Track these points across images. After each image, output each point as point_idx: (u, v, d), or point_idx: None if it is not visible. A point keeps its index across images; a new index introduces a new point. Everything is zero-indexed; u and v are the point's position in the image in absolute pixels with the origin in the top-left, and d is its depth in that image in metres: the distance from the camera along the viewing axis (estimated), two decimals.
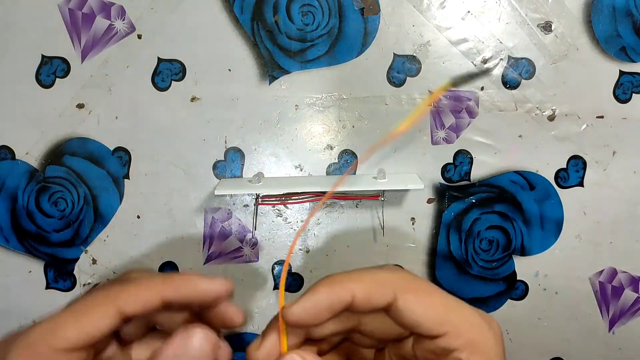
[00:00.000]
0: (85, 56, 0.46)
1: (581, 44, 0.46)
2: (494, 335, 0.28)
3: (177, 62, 0.46)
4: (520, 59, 0.46)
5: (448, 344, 0.27)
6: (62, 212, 0.47)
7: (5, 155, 0.47)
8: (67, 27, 0.46)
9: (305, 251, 0.48)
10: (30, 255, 0.47)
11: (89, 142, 0.47)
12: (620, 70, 0.46)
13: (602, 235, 0.48)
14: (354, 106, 0.47)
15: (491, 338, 0.28)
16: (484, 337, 0.28)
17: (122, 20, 0.46)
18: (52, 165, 0.47)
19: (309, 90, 0.47)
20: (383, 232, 0.48)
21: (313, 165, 0.47)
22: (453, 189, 0.48)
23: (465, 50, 0.46)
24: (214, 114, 0.47)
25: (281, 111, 0.47)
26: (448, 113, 0.47)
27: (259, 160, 0.47)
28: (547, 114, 0.47)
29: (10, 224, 0.47)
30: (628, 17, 0.46)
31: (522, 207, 0.48)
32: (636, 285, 0.49)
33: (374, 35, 0.46)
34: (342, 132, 0.47)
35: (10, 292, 0.47)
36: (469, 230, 0.48)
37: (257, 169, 0.47)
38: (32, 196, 0.47)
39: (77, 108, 0.46)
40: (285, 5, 0.46)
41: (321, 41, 0.46)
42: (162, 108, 0.46)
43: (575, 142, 0.47)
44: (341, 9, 0.46)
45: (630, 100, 0.47)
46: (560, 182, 0.48)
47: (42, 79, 0.46)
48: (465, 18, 0.46)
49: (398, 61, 0.46)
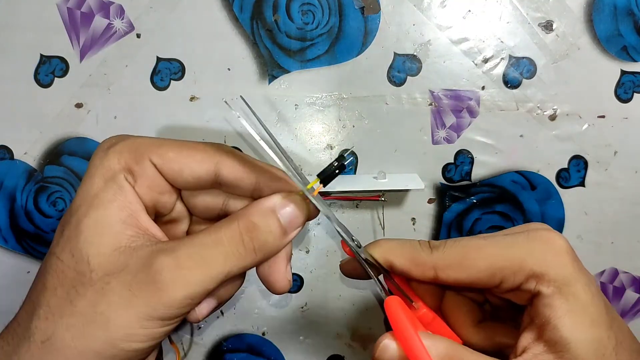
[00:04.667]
0: (84, 55, 0.46)
1: (582, 43, 0.46)
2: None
3: (176, 62, 0.46)
4: (522, 58, 0.46)
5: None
6: (61, 212, 0.47)
7: (4, 155, 0.46)
8: (65, 27, 0.45)
9: (305, 251, 0.48)
10: (29, 256, 0.47)
11: (87, 142, 0.46)
12: (621, 70, 0.46)
13: (604, 236, 0.48)
14: (354, 106, 0.47)
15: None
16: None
17: (121, 19, 0.46)
18: (51, 165, 0.46)
19: (309, 90, 0.46)
20: (383, 233, 0.48)
21: (313, 165, 0.47)
22: (454, 189, 0.48)
23: (466, 50, 0.46)
24: (214, 113, 0.46)
25: (281, 110, 0.47)
26: (449, 113, 0.47)
27: None
28: (548, 114, 0.47)
29: (9, 224, 0.47)
30: (629, 17, 0.46)
31: (523, 207, 0.48)
32: (638, 285, 0.49)
33: (375, 34, 0.46)
34: (342, 131, 0.47)
35: (9, 292, 0.47)
36: (470, 230, 0.48)
37: None
38: (30, 196, 0.47)
39: (75, 107, 0.46)
40: (285, 4, 0.45)
41: (321, 40, 0.46)
42: (161, 107, 0.46)
43: (576, 142, 0.47)
44: (341, 8, 0.45)
45: (632, 99, 0.47)
46: (561, 182, 0.47)
47: (40, 78, 0.46)
48: (466, 17, 0.46)
49: (398, 60, 0.46)
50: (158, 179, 0.29)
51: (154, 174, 0.28)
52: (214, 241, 0.27)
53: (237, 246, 0.27)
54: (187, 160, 0.28)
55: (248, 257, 0.28)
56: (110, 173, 0.27)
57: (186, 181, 0.29)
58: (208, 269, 0.26)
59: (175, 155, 0.28)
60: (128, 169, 0.28)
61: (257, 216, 0.28)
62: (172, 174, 0.29)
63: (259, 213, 0.28)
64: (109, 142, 0.29)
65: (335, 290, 0.48)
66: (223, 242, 0.27)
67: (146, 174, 0.28)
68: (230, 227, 0.27)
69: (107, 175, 0.27)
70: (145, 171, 0.28)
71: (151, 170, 0.28)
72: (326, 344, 0.48)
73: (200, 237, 0.27)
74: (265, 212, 0.28)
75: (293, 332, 0.48)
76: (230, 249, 0.27)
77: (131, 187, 0.28)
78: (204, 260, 0.26)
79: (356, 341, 0.48)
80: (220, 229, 0.27)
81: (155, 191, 0.29)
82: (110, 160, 0.27)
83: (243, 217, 0.28)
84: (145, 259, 0.26)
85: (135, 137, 0.29)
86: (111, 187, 0.27)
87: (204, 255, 0.26)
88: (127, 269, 0.25)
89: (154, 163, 0.28)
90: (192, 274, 0.26)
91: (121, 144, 0.28)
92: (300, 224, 0.29)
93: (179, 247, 0.26)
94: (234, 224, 0.27)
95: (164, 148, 0.28)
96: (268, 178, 0.29)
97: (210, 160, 0.29)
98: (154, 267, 0.25)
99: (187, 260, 0.26)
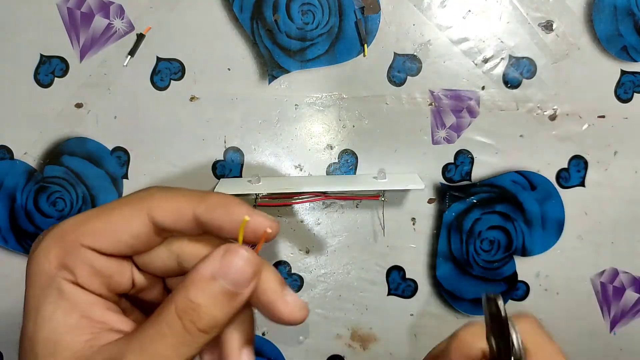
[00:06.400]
0: (84, 55, 0.46)
1: (582, 43, 0.46)
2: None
3: (176, 62, 0.46)
4: (522, 58, 0.46)
5: None
6: (61, 212, 0.47)
7: (4, 155, 0.46)
8: (65, 26, 0.45)
9: (305, 251, 0.48)
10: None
11: (87, 142, 0.46)
12: (621, 70, 0.46)
13: (604, 236, 0.48)
14: (354, 105, 0.46)
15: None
16: None
17: (121, 19, 0.46)
18: (51, 165, 0.46)
19: (309, 90, 0.46)
20: (383, 232, 0.48)
21: (313, 165, 0.47)
22: (454, 189, 0.48)
23: (466, 50, 0.46)
24: (214, 113, 0.46)
25: (281, 110, 0.46)
26: (449, 113, 0.47)
27: (259, 160, 0.47)
28: (548, 114, 0.47)
29: (9, 224, 0.47)
30: (629, 17, 0.46)
31: (523, 207, 0.48)
32: (637, 285, 0.49)
33: (375, 34, 0.46)
34: (342, 131, 0.47)
35: (9, 292, 0.47)
36: (469, 230, 0.48)
37: (257, 169, 0.47)
38: (30, 196, 0.47)
39: (75, 107, 0.46)
40: (285, 4, 0.45)
41: (321, 40, 0.46)
42: (161, 107, 0.46)
43: (576, 142, 0.47)
44: (341, 8, 0.45)
45: (632, 99, 0.47)
46: (561, 182, 0.47)
47: (40, 78, 0.46)
48: (466, 17, 0.46)
49: (398, 60, 0.46)
50: (98, 260, 0.25)
51: (91, 258, 0.25)
52: (158, 334, 0.24)
53: (180, 334, 0.24)
54: (117, 222, 0.25)
55: (199, 339, 0.25)
56: (45, 278, 0.25)
57: (128, 245, 0.26)
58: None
59: (103, 224, 0.25)
60: (62, 266, 0.25)
61: (194, 291, 0.24)
62: (111, 246, 0.25)
63: (195, 287, 0.24)
64: (35, 243, 0.26)
65: (335, 290, 0.48)
66: (166, 334, 0.24)
67: (83, 263, 0.25)
68: (169, 312, 0.24)
69: (42, 282, 0.25)
70: (80, 260, 0.25)
71: (87, 256, 0.25)
72: (326, 344, 0.48)
73: (145, 332, 0.25)
74: (201, 283, 0.24)
75: (293, 332, 0.48)
76: (176, 339, 0.24)
77: (72, 284, 0.25)
78: (153, 357, 0.24)
79: (356, 341, 0.48)
80: (160, 315, 0.24)
81: (103, 275, 0.26)
82: (40, 264, 0.25)
83: (179, 297, 0.24)
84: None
85: (59, 226, 0.26)
86: (50, 294, 0.24)
87: (153, 354, 0.24)
88: None
89: (86, 245, 0.25)
90: None
91: (47, 239, 0.25)
92: (252, 275, 0.25)
93: (127, 352, 0.24)
94: (171, 308, 0.24)
95: (89, 223, 0.25)
96: (205, 209, 0.26)
97: (139, 211, 0.26)
98: None
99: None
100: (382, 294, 0.48)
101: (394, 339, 0.47)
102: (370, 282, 0.47)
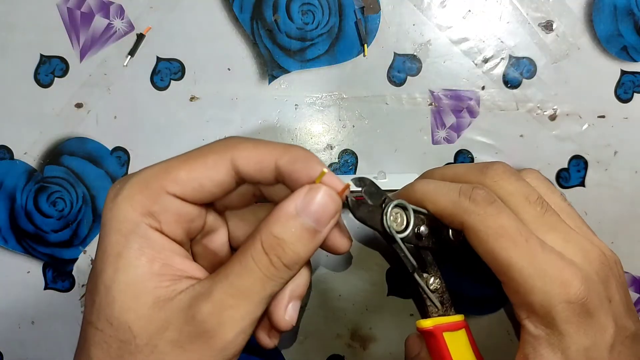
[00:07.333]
0: (84, 55, 0.46)
1: (582, 43, 0.46)
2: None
3: (176, 62, 0.46)
4: (522, 58, 0.46)
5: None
6: (61, 212, 0.47)
7: (4, 155, 0.46)
8: (65, 26, 0.46)
9: None
10: (29, 256, 0.47)
11: (87, 142, 0.46)
12: (621, 70, 0.46)
13: (604, 236, 0.48)
14: (354, 105, 0.47)
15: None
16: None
17: (121, 19, 0.46)
18: (51, 165, 0.46)
19: (309, 90, 0.46)
20: None
21: None
22: None
23: (466, 50, 0.46)
24: (214, 113, 0.46)
25: (281, 110, 0.47)
26: (449, 113, 0.47)
27: None
28: (548, 114, 0.47)
29: (9, 224, 0.47)
30: (629, 17, 0.46)
31: None
32: (638, 285, 0.49)
33: (375, 34, 0.46)
34: (342, 131, 0.47)
35: (8, 292, 0.47)
36: None
37: None
38: (30, 196, 0.47)
39: (75, 107, 0.46)
40: (285, 4, 0.45)
41: (321, 40, 0.46)
42: (161, 107, 0.46)
43: (576, 142, 0.47)
44: (341, 8, 0.45)
45: (632, 99, 0.47)
46: (561, 182, 0.47)
47: (40, 78, 0.46)
48: (466, 17, 0.46)
49: (398, 60, 0.46)
50: (183, 207, 0.26)
51: (177, 205, 0.26)
52: (245, 269, 0.25)
53: (268, 268, 0.25)
54: (202, 171, 0.26)
55: (284, 274, 0.26)
56: (129, 225, 0.25)
57: (211, 193, 0.27)
58: (249, 300, 0.25)
59: (187, 173, 0.26)
60: (147, 213, 0.25)
61: (279, 227, 0.25)
62: (194, 194, 0.26)
63: (280, 223, 0.25)
64: (115, 190, 0.26)
65: (335, 290, 0.47)
66: (253, 268, 0.25)
67: (169, 210, 0.26)
68: (255, 248, 0.25)
69: (126, 228, 0.25)
70: (166, 207, 0.26)
71: (173, 203, 0.26)
72: (326, 344, 0.48)
73: (231, 268, 0.25)
74: (286, 219, 0.25)
75: (293, 332, 0.48)
76: (263, 274, 0.25)
77: (157, 232, 0.25)
78: (241, 293, 0.25)
79: (356, 341, 0.48)
80: (247, 251, 0.25)
81: (185, 222, 0.27)
82: (123, 211, 0.25)
83: (265, 233, 0.25)
84: (186, 310, 0.24)
85: (140, 174, 0.26)
86: (134, 241, 0.25)
87: (241, 288, 0.25)
88: (172, 326, 0.24)
89: (172, 193, 0.26)
90: (235, 312, 0.25)
91: (128, 188, 0.25)
92: (333, 213, 0.26)
93: (215, 287, 0.25)
94: (257, 243, 0.25)
95: (174, 171, 0.26)
96: (287, 161, 0.26)
97: (223, 160, 0.26)
98: (197, 318, 0.24)
99: (226, 300, 0.24)
100: (382, 294, 0.48)
101: (394, 339, 0.47)
102: (370, 282, 0.47)
